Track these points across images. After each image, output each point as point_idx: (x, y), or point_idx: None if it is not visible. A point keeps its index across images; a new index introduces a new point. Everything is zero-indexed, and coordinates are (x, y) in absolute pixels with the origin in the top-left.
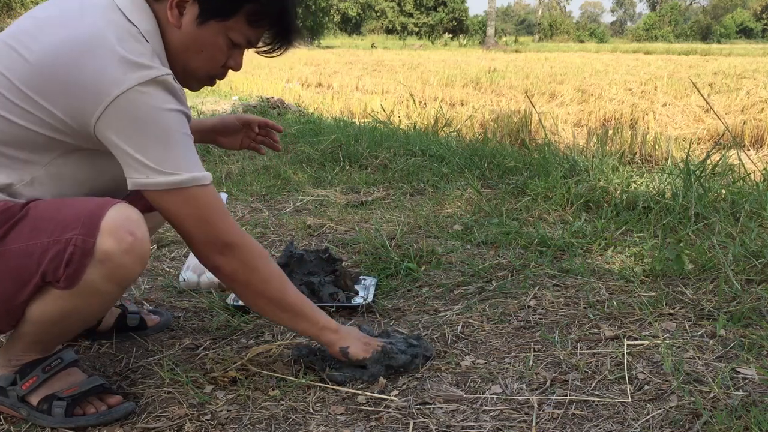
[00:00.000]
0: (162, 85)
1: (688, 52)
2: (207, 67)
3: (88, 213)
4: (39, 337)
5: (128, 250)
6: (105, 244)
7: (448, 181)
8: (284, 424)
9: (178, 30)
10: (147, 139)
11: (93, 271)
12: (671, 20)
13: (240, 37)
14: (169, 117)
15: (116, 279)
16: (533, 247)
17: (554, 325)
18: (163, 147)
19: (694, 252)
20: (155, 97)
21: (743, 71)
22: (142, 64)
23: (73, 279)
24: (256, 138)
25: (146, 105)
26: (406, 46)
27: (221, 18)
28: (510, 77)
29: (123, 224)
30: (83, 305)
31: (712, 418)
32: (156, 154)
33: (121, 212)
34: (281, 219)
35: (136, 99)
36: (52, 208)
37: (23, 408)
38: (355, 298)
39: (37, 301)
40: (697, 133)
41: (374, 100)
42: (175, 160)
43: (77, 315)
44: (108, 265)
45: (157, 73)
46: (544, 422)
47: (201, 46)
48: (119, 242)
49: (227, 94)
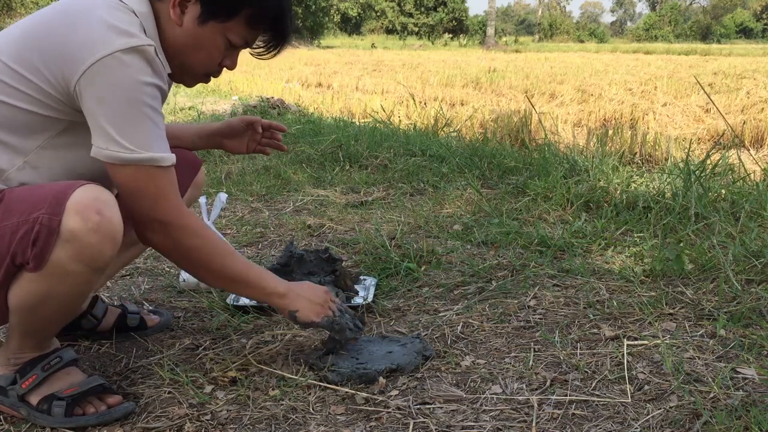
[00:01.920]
0: (142, 54)
1: (688, 52)
2: (204, 64)
3: (55, 192)
4: (25, 328)
5: (95, 229)
6: (70, 222)
7: (448, 181)
8: (284, 424)
9: (179, 28)
10: (117, 108)
11: (60, 251)
12: (671, 20)
13: (237, 38)
14: (142, 90)
15: (84, 259)
16: (533, 247)
17: (554, 325)
18: (130, 120)
19: (694, 252)
20: (133, 66)
21: (743, 71)
22: (126, 31)
23: (40, 259)
24: (261, 140)
25: (124, 73)
26: (406, 46)
27: (221, 19)
28: (510, 77)
29: (90, 203)
30: (55, 288)
31: (712, 418)
32: (121, 127)
33: (89, 192)
34: (281, 219)
35: (114, 65)
36: (26, 191)
37: (23, 408)
38: (355, 298)
39: (14, 287)
40: (697, 133)
41: (374, 100)
42: (138, 137)
43: (52, 299)
44: (75, 245)
45: (139, 42)
46: (544, 422)
47: (200, 45)
48: (85, 221)
49: (227, 95)
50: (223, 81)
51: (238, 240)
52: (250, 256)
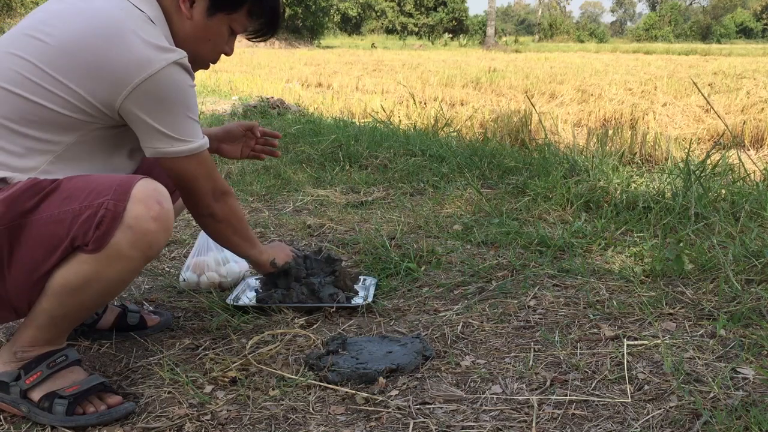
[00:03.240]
0: (182, 65)
1: (688, 52)
2: (211, 54)
3: (119, 182)
4: (53, 314)
5: (156, 217)
6: (135, 209)
7: (448, 181)
8: (284, 424)
9: (189, 21)
10: (173, 114)
11: (121, 235)
12: (671, 20)
13: (239, 27)
14: (190, 93)
15: (142, 245)
16: (533, 247)
17: (554, 325)
18: (185, 120)
19: (694, 252)
20: (178, 77)
21: (743, 71)
22: (163, 47)
23: (102, 241)
24: (255, 147)
25: (175, 84)
26: (406, 46)
27: (228, 11)
28: (510, 77)
29: (152, 194)
30: (105, 271)
31: (712, 418)
32: (179, 127)
33: (149, 184)
34: (281, 219)
35: (165, 78)
36: (83, 180)
37: (24, 404)
38: (355, 298)
39: (61, 269)
40: (697, 133)
41: (374, 100)
42: (192, 130)
43: (98, 283)
44: (136, 230)
45: (179, 56)
46: (544, 422)
47: (209, 35)
48: (148, 209)
49: (227, 94)
50: (223, 81)
51: None
52: None
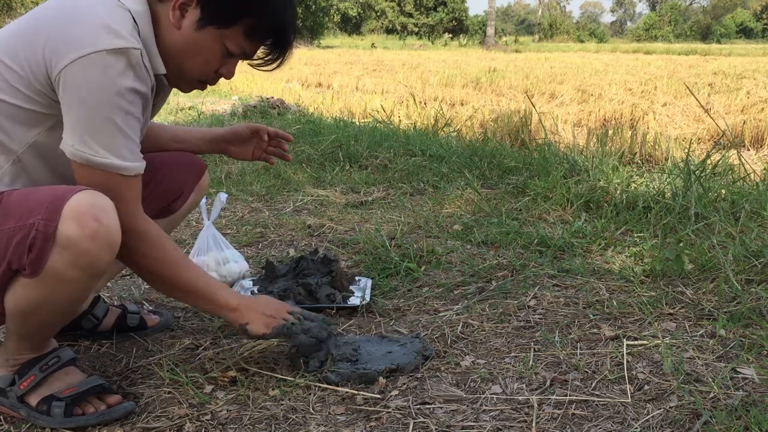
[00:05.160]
0: (127, 57)
1: (688, 52)
2: (200, 71)
3: (52, 197)
4: (21, 331)
5: (92, 235)
6: (67, 229)
7: (448, 181)
8: (284, 424)
9: (177, 31)
10: (91, 109)
11: (56, 258)
12: (671, 20)
13: (235, 47)
14: (121, 94)
15: (82, 265)
16: (533, 247)
17: (554, 325)
18: (101, 123)
19: (694, 252)
20: (115, 68)
21: (743, 71)
22: (117, 31)
23: (37, 265)
24: (267, 149)
25: (104, 74)
26: (406, 46)
27: (219, 26)
28: (510, 77)
29: (87, 210)
30: (52, 294)
31: (712, 418)
32: (91, 128)
33: (87, 198)
34: (281, 219)
35: (97, 64)
36: (23, 194)
37: (23, 408)
38: (352, 298)
39: (9, 293)
40: (697, 133)
41: (374, 100)
42: (106, 141)
43: (49, 305)
44: (72, 251)
45: (126, 44)
46: (544, 422)
47: (197, 50)
48: (82, 227)
49: (227, 94)
50: (223, 81)
51: (238, 240)
52: (250, 256)
